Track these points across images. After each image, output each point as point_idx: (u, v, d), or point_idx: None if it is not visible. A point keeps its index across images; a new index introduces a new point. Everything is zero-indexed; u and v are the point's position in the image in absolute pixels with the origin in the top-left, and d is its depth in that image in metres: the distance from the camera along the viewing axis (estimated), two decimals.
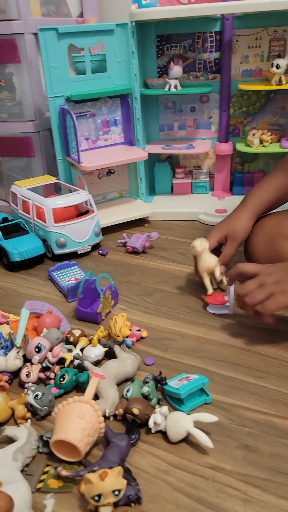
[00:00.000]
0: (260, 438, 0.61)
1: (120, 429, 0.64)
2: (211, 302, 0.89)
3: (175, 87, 1.26)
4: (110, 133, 1.32)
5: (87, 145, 1.30)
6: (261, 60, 1.29)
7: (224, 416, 0.65)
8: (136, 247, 1.15)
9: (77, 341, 0.79)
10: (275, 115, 1.36)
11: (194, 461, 0.59)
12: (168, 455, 0.60)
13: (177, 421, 0.61)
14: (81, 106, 1.25)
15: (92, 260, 1.15)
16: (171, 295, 0.97)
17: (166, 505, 0.53)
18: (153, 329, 0.86)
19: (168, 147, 1.36)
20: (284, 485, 0.55)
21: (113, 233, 1.28)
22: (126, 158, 1.24)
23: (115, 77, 1.25)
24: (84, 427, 0.57)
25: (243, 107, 1.36)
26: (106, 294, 0.89)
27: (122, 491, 0.50)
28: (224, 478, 0.56)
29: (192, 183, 1.46)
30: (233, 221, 0.94)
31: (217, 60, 1.31)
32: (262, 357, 0.77)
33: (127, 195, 1.43)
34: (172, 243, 1.21)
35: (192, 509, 0.53)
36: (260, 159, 1.42)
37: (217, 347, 0.80)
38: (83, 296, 0.90)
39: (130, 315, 0.91)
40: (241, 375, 0.73)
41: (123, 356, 0.74)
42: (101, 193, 1.39)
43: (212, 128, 1.41)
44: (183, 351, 0.80)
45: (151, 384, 0.67)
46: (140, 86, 1.28)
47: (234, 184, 1.43)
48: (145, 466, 0.58)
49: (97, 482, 0.50)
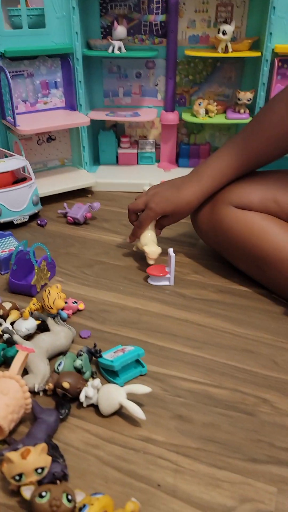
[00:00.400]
0: (194, 408, 0.60)
1: (50, 404, 0.60)
2: (153, 273, 0.87)
3: (119, 49, 1.19)
4: (50, 96, 1.24)
5: (25, 107, 1.22)
6: (208, 26, 1.25)
7: (158, 387, 0.64)
8: (77, 218, 1.10)
9: (7, 314, 0.75)
10: (221, 85, 1.33)
11: (125, 434, 0.57)
12: (99, 429, 0.57)
13: (109, 393, 0.58)
14: (17, 64, 1.16)
15: (29, 231, 1.09)
16: (111, 267, 0.94)
17: (94, 480, 0.51)
18: (91, 302, 0.83)
19: (113, 114, 1.31)
20: (215, 453, 0.54)
21: (54, 203, 1.22)
22: (67, 123, 1.17)
23: (54, 35, 1.17)
24: (8, 403, 0.53)
25: (190, 75, 1.32)
26: (41, 265, 0.84)
27: (45, 469, 0.48)
28: (156, 449, 0.55)
29: (137, 154, 1.42)
30: (181, 201, 0.85)
31: (163, 23, 1.26)
32: (200, 328, 0.76)
33: (69, 164, 1.37)
34: (115, 214, 1.17)
35: (121, 482, 0.51)
36: (207, 130, 1.40)
37: (156, 319, 0.78)
38: (16, 268, 0.85)
39: (68, 287, 0.87)
40: (178, 346, 0.72)
41: (56, 329, 0.70)
42: (41, 161, 1.31)
43: (158, 96, 1.36)
44: (121, 323, 0.77)
45: (84, 357, 0.64)
46: (82, 47, 1.21)
47: (180, 156, 1.41)
48: (74, 442, 0.56)
49: (18, 460, 0.47)
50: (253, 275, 0.85)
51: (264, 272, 0.81)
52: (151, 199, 0.88)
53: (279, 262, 0.77)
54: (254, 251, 0.80)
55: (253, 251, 0.80)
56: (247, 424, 0.58)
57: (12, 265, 0.84)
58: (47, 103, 1.25)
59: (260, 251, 0.79)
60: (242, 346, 0.72)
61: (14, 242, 0.97)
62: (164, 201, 0.86)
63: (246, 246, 0.81)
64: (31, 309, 0.76)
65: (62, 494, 0.45)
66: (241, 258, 0.85)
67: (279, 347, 0.71)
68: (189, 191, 0.85)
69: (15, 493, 0.49)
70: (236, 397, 0.62)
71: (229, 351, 0.71)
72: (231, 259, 0.88)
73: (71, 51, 1.18)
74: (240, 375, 0.66)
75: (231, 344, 0.72)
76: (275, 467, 0.53)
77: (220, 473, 0.52)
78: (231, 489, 0.50)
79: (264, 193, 0.82)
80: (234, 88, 1.33)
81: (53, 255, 0.95)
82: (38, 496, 0.45)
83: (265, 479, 0.51)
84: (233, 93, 1.34)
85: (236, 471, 0.52)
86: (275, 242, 0.78)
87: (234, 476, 0.52)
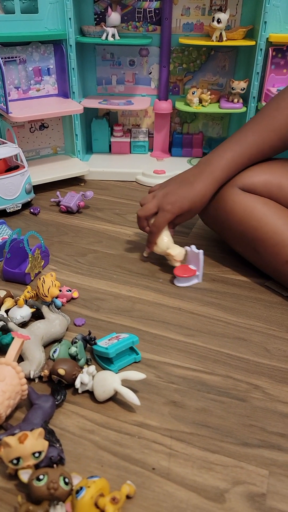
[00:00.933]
0: (187, 394, 0.62)
1: (46, 391, 0.61)
2: (183, 275, 0.83)
3: (112, 36, 1.18)
4: (42, 83, 1.23)
5: (17, 94, 1.20)
6: (202, 14, 1.24)
7: (152, 373, 0.65)
8: (70, 206, 1.10)
9: (2, 302, 0.75)
10: (215, 74, 1.33)
11: (120, 419, 0.58)
12: (95, 415, 0.58)
13: (104, 380, 0.59)
14: (9, 50, 1.14)
15: (22, 219, 1.09)
16: (105, 256, 0.94)
17: (90, 464, 0.52)
18: (85, 290, 0.83)
19: (106, 102, 1.30)
20: (208, 437, 0.56)
21: (46, 191, 1.21)
22: (60, 110, 1.16)
23: (47, 20, 1.15)
24: (4, 389, 0.54)
25: (184, 64, 1.32)
26: (35, 253, 0.84)
27: (43, 453, 0.48)
28: (150, 434, 0.56)
29: (130, 143, 1.41)
30: (197, 195, 0.82)
31: (157, 10, 1.24)
32: (193, 316, 0.77)
33: (62, 152, 1.36)
34: (108, 203, 1.17)
35: (116, 466, 0.52)
36: (200, 120, 1.40)
37: (149, 307, 0.79)
38: (10, 256, 0.85)
39: (61, 275, 0.87)
40: (172, 334, 0.73)
41: (51, 317, 0.71)
42: (33, 149, 1.30)
43: (151, 85, 1.36)
44: (115, 311, 0.78)
45: (79, 344, 0.65)
46: (75, 34, 1.19)
47: (173, 145, 1.40)
48: (70, 427, 0.56)
49: (15, 445, 0.47)
50: (249, 258, 0.86)
51: (260, 255, 0.82)
52: (164, 200, 0.83)
53: (277, 246, 0.78)
54: (253, 234, 0.80)
55: (252, 234, 0.80)
56: (239, 409, 0.60)
57: (6, 253, 0.84)
58: (39, 90, 1.23)
59: (259, 234, 0.79)
60: (235, 334, 0.73)
61: (7, 231, 0.97)
62: (180, 199, 0.82)
63: (245, 228, 0.81)
64: (25, 297, 0.76)
65: (59, 477, 0.46)
66: (239, 240, 0.85)
67: (271, 335, 0.73)
68: (204, 184, 0.82)
69: (13, 477, 0.50)
70: (229, 383, 0.63)
71: (222, 339, 0.72)
72: (228, 240, 0.89)
73: (64, 38, 1.17)
74: (232, 362, 0.67)
75: (224, 332, 0.73)
76: (266, 451, 0.54)
77: (213, 456, 0.53)
78: (223, 472, 0.52)
79: (269, 178, 0.82)
80: (228, 77, 1.33)
81: (46, 244, 0.96)
82: (36, 479, 0.46)
83: (257, 463, 0.53)
84: (227, 82, 1.34)
85: (228, 455, 0.54)
86: (275, 225, 0.79)
87: (226, 459, 0.53)
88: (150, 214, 0.85)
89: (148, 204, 0.85)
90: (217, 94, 1.31)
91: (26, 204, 1.12)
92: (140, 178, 1.28)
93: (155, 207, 0.84)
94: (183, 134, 1.40)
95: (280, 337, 0.72)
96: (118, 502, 0.45)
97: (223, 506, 0.48)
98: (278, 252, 0.78)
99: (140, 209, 0.86)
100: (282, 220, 0.79)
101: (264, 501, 0.49)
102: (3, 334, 0.68)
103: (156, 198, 0.85)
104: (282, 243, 0.78)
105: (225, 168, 0.82)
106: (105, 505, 0.45)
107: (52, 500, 0.45)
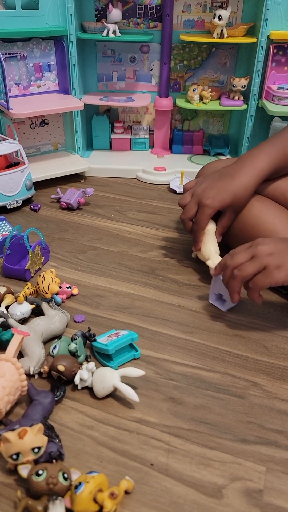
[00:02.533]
0: (186, 390, 0.62)
1: (46, 387, 0.62)
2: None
3: (113, 32, 1.18)
4: (43, 79, 1.23)
5: (18, 91, 1.20)
6: (203, 11, 1.24)
7: (151, 370, 0.65)
8: (70, 203, 1.10)
9: (2, 298, 0.75)
10: (216, 71, 1.33)
11: (119, 415, 0.58)
12: (94, 411, 0.59)
13: (103, 376, 0.59)
14: (10, 46, 1.14)
15: (23, 216, 1.09)
16: (105, 253, 0.95)
17: (89, 459, 0.53)
18: (85, 287, 0.83)
19: (106, 98, 1.30)
20: (206, 434, 0.56)
21: (47, 188, 1.21)
22: (60, 107, 1.16)
23: (48, 16, 1.15)
24: (4, 385, 0.54)
25: (184, 61, 1.31)
26: (35, 250, 0.84)
27: (42, 448, 0.49)
28: (149, 430, 0.56)
29: (131, 139, 1.41)
30: (239, 187, 0.77)
31: (158, 6, 1.24)
32: (192, 313, 0.77)
33: (62, 149, 1.36)
34: (108, 200, 1.17)
35: (115, 461, 0.52)
36: (200, 117, 1.40)
37: (149, 304, 0.79)
38: (10, 252, 0.85)
39: (61, 272, 0.87)
40: (171, 330, 0.73)
41: (50, 313, 0.71)
42: (34, 145, 1.30)
43: (152, 81, 1.35)
44: (115, 308, 0.78)
45: (79, 341, 0.65)
46: (76, 30, 1.19)
47: (174, 142, 1.40)
48: (70, 423, 0.57)
49: (15, 440, 0.48)
50: None
51: None
52: (203, 194, 0.78)
53: None
54: (250, 232, 0.80)
55: (249, 232, 0.81)
56: (237, 406, 0.60)
57: (6, 249, 0.84)
58: (40, 86, 1.23)
59: (257, 232, 0.79)
60: (233, 331, 0.73)
61: (7, 227, 0.97)
62: (220, 192, 0.77)
63: (242, 226, 0.82)
64: (25, 293, 0.76)
65: (58, 472, 0.46)
66: (236, 237, 0.85)
67: (269, 332, 0.73)
68: (246, 176, 0.78)
69: (12, 472, 0.50)
70: (227, 380, 0.64)
71: (221, 336, 0.72)
72: (225, 238, 0.89)
73: (65, 34, 1.17)
74: (231, 359, 0.67)
75: (223, 329, 0.73)
76: (264, 448, 0.55)
77: (211, 453, 0.54)
78: (221, 468, 0.52)
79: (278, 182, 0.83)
80: (229, 74, 1.33)
81: (46, 240, 0.96)
82: (35, 474, 0.46)
83: (255, 459, 0.53)
84: (228, 80, 1.34)
85: (226, 451, 0.54)
86: (272, 224, 0.79)
87: (224, 456, 0.53)
88: (193, 214, 0.80)
89: (188, 204, 0.80)
90: (218, 91, 1.31)
91: (26, 200, 1.13)
92: (141, 175, 1.28)
93: (195, 205, 0.79)
94: (184, 131, 1.39)
95: (279, 335, 0.73)
96: (117, 497, 0.46)
97: (221, 502, 0.49)
98: None
99: (182, 212, 0.80)
100: (279, 218, 0.80)
101: (261, 497, 0.49)
102: (3, 330, 0.68)
103: (195, 195, 0.80)
104: None
105: (268, 161, 0.78)
106: (103, 500, 0.45)
107: (51, 495, 0.46)
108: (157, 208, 1.14)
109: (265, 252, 0.65)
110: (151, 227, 1.04)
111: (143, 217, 1.09)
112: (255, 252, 0.66)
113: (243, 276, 0.66)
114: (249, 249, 0.67)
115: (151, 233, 1.02)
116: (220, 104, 1.27)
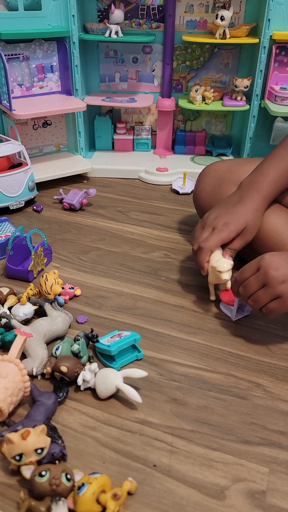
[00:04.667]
0: (188, 391, 0.62)
1: (49, 388, 0.62)
2: (226, 300, 0.76)
3: (116, 33, 1.18)
4: (46, 80, 1.23)
5: (21, 92, 1.21)
6: (206, 11, 1.24)
7: (154, 371, 0.65)
8: (73, 204, 1.11)
9: (5, 299, 0.75)
10: (218, 71, 1.33)
11: (122, 416, 0.58)
12: (97, 412, 0.59)
13: (106, 377, 0.60)
14: (12, 47, 1.14)
15: (25, 217, 1.09)
16: (107, 253, 0.95)
17: (92, 460, 0.53)
18: (87, 287, 0.84)
19: (109, 99, 1.30)
20: (209, 435, 0.56)
21: (49, 189, 1.22)
22: (63, 108, 1.16)
23: (50, 17, 1.15)
24: (7, 386, 0.54)
25: (187, 61, 1.31)
26: (38, 251, 0.85)
27: (45, 449, 0.49)
28: (152, 431, 0.56)
29: (133, 140, 1.41)
30: (251, 214, 0.76)
31: (161, 7, 1.24)
32: (195, 314, 0.77)
33: (65, 150, 1.36)
34: (111, 201, 1.18)
35: (118, 462, 0.52)
36: (203, 117, 1.40)
37: (152, 305, 0.79)
38: (13, 253, 0.85)
39: (64, 273, 0.87)
40: (174, 331, 0.73)
41: (53, 314, 0.71)
42: (36, 146, 1.31)
43: (155, 82, 1.36)
44: (117, 309, 0.78)
45: (81, 341, 0.65)
46: (79, 31, 1.19)
47: (176, 143, 1.40)
48: (72, 423, 0.57)
49: (18, 441, 0.48)
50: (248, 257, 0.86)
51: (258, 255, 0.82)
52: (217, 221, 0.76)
53: (276, 245, 0.78)
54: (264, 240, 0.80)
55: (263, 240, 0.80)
56: (240, 407, 0.60)
57: (9, 250, 0.84)
58: (43, 87, 1.24)
59: (259, 233, 0.79)
60: (236, 332, 0.73)
61: (10, 228, 0.97)
62: (234, 217, 0.75)
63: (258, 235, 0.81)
64: (28, 294, 0.77)
65: (61, 473, 0.47)
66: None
67: (272, 333, 0.73)
68: (253, 201, 0.77)
69: (15, 473, 0.50)
70: (230, 381, 0.64)
71: (223, 337, 0.72)
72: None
73: (68, 35, 1.17)
74: (233, 360, 0.67)
75: (225, 330, 0.73)
76: (267, 449, 0.54)
77: (213, 454, 0.54)
78: (224, 469, 0.52)
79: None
80: (231, 75, 1.32)
81: (49, 241, 0.96)
82: (38, 475, 0.46)
83: (257, 460, 0.53)
84: (230, 80, 1.33)
85: (229, 452, 0.54)
86: (274, 225, 0.79)
87: (227, 457, 0.53)
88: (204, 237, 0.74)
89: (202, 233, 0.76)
90: (220, 91, 1.31)
91: (29, 201, 1.13)
92: (143, 175, 1.29)
93: (208, 232, 0.75)
94: (186, 132, 1.39)
95: (282, 336, 0.72)
96: (120, 498, 0.46)
97: (223, 503, 0.49)
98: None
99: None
100: (282, 219, 0.79)
101: (264, 498, 0.49)
102: (6, 331, 0.69)
103: (208, 225, 0.76)
104: (281, 243, 0.78)
105: (271, 183, 0.77)
106: (106, 501, 0.45)
107: (54, 496, 0.46)
108: (159, 208, 1.14)
109: (278, 280, 0.64)
110: (154, 228, 1.04)
111: (145, 218, 1.09)
112: (266, 281, 0.65)
113: (258, 306, 0.66)
114: (260, 275, 0.66)
115: (154, 234, 1.02)
116: (222, 104, 1.27)
